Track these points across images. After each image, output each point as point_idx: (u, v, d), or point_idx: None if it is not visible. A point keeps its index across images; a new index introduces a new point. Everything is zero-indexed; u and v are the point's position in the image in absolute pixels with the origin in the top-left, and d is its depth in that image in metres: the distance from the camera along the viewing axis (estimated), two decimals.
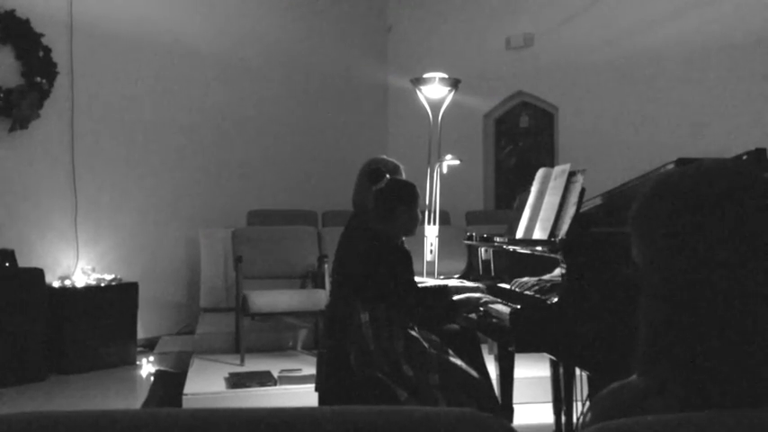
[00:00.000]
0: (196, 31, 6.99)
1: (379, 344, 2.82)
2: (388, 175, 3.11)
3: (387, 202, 3.02)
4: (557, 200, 2.88)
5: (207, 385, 4.58)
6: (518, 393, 3.56)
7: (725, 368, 0.84)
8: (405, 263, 3.00)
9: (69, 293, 5.62)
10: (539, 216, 3.03)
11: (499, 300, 2.92)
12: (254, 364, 5.03)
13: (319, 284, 5.72)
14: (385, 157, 3.48)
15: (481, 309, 2.94)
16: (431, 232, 5.23)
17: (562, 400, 3.40)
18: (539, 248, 2.84)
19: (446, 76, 5.41)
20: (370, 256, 2.96)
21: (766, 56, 6.23)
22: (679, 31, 6.60)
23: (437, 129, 5.55)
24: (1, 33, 5.68)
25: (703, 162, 0.94)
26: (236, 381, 4.56)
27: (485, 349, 3.49)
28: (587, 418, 0.97)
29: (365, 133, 8.41)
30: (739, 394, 0.83)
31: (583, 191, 2.79)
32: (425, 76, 5.39)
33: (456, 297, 3.02)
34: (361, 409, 0.82)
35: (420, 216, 3.21)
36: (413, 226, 3.09)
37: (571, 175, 2.89)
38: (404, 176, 3.35)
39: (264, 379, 4.58)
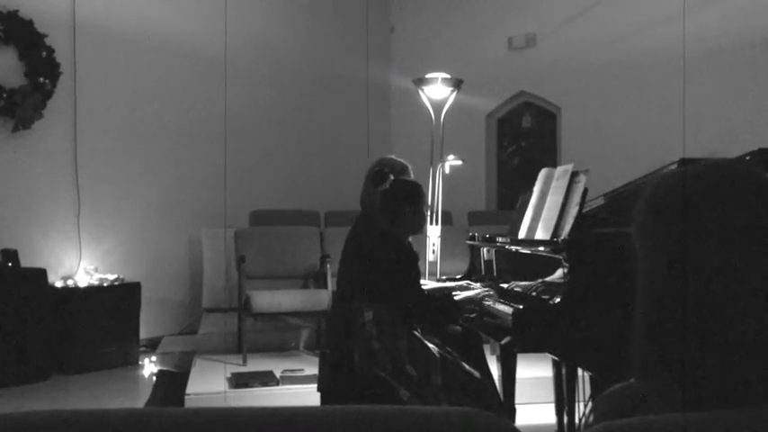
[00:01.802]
0: (198, 31, 7.00)
1: (382, 343, 2.82)
2: (392, 176, 3.10)
3: (393, 203, 3.03)
4: (559, 200, 2.88)
5: (209, 385, 4.58)
6: (520, 394, 3.55)
7: (723, 370, 0.84)
8: (410, 263, 3.00)
9: (72, 293, 5.63)
10: (541, 216, 3.03)
11: (502, 300, 2.92)
12: (256, 365, 5.04)
13: (321, 284, 5.73)
14: (394, 156, 3.46)
15: (485, 303, 2.94)
16: (433, 232, 5.23)
17: (564, 400, 3.39)
18: (541, 249, 2.84)
19: (448, 76, 5.40)
20: (377, 256, 2.96)
21: (767, 56, 6.22)
22: (681, 32, 6.58)
23: (439, 129, 5.55)
24: (4, 34, 5.69)
25: (707, 163, 0.93)
26: (239, 381, 4.57)
27: (487, 350, 3.49)
28: (590, 420, 0.97)
29: (368, 134, 8.40)
30: (738, 394, 0.83)
31: (585, 191, 2.79)
32: (428, 76, 5.39)
33: (458, 296, 3.02)
34: (364, 409, 0.82)
35: (427, 214, 3.22)
36: (420, 225, 3.11)
37: (574, 175, 2.89)
38: (412, 177, 3.35)
39: (267, 379, 4.59)
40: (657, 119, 6.82)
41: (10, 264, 5.34)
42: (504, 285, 3.18)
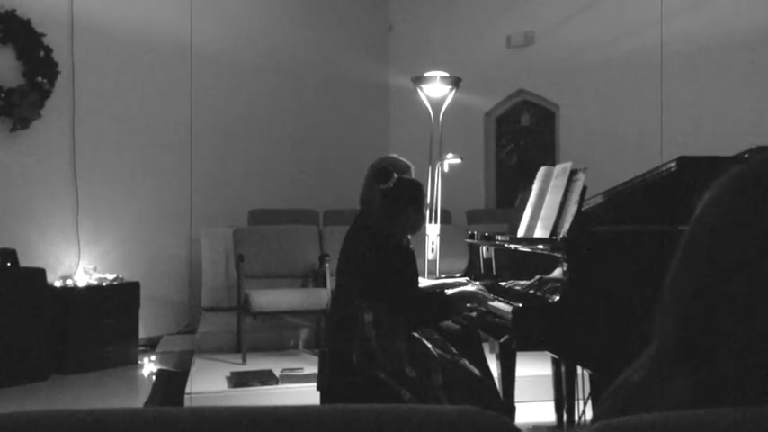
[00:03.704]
0: (197, 31, 6.99)
1: (381, 344, 2.82)
2: (395, 175, 3.08)
3: (395, 202, 3.01)
4: (558, 198, 2.88)
5: (209, 384, 4.58)
6: (520, 392, 3.56)
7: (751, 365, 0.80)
8: (407, 262, 3.00)
9: (71, 293, 5.62)
10: (540, 215, 3.03)
11: (500, 298, 2.92)
12: (255, 364, 5.04)
13: (321, 283, 5.73)
14: (396, 155, 3.44)
15: (482, 307, 2.94)
16: (432, 231, 5.23)
17: (564, 398, 3.40)
18: (540, 247, 2.84)
19: (447, 74, 5.40)
20: (373, 256, 2.96)
21: (766, 55, 6.22)
22: (680, 30, 6.59)
23: (438, 127, 5.55)
24: (2, 33, 5.68)
25: None
26: (238, 380, 4.57)
27: (486, 348, 3.49)
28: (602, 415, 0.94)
29: (366, 132, 8.41)
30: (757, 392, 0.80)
31: (584, 189, 2.79)
32: (426, 74, 5.38)
33: (449, 291, 3.02)
34: (364, 408, 0.82)
35: (425, 214, 3.22)
36: (420, 225, 3.11)
37: (572, 173, 2.89)
38: (413, 176, 3.34)
39: (266, 378, 4.59)
40: (655, 117, 6.82)
41: (9, 263, 5.34)
42: (504, 283, 3.19)
